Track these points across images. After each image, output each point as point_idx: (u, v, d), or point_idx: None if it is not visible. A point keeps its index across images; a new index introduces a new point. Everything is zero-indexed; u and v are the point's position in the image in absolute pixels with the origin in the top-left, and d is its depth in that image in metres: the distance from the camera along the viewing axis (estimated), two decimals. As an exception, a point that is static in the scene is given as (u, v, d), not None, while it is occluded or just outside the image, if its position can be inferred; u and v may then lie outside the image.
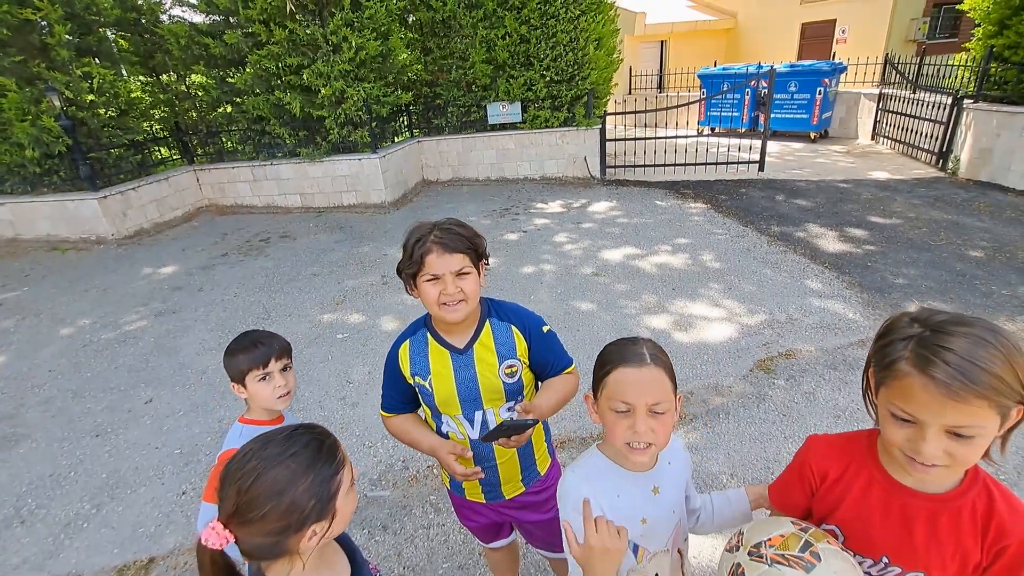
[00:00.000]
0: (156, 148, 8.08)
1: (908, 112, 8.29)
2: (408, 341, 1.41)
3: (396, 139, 8.57)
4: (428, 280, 1.26)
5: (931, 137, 7.62)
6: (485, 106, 8.31)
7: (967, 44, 7.33)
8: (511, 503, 1.51)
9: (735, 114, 10.70)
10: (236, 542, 0.86)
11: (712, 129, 11.30)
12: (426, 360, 1.37)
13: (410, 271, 1.27)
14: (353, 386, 3.51)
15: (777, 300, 4.24)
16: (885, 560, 0.95)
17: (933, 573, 0.91)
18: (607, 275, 4.91)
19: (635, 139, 8.27)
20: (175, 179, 7.80)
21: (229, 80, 7.63)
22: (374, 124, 7.47)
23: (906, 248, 5.04)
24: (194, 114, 8.57)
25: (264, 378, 1.49)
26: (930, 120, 7.61)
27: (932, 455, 0.79)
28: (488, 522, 1.60)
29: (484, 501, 1.51)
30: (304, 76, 7.07)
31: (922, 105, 7.87)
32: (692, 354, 3.62)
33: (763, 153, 7.84)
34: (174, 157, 8.38)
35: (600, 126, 8.08)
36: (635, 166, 8.20)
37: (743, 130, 10.69)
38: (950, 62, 7.82)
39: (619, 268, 5.04)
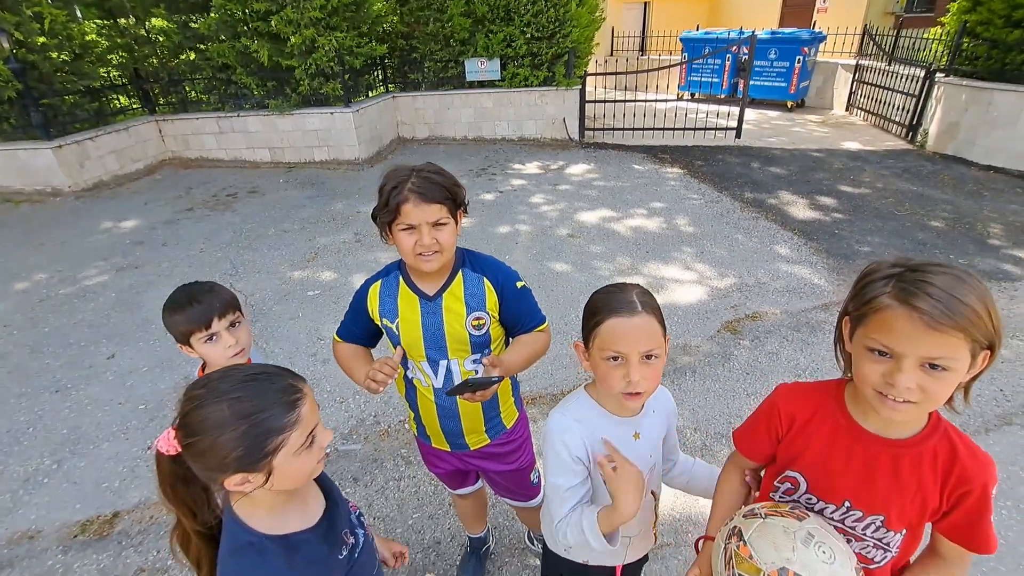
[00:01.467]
0: (114, 96, 7.60)
1: (883, 84, 8.37)
2: (380, 282, 1.39)
3: (370, 93, 8.26)
4: (404, 229, 1.23)
5: (903, 110, 7.73)
6: (463, 62, 8.04)
7: (942, 18, 7.37)
8: (476, 453, 1.54)
9: (715, 80, 10.63)
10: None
11: (692, 95, 11.22)
12: (395, 303, 1.36)
13: (385, 219, 1.24)
14: (324, 343, 3.47)
15: (747, 264, 4.32)
16: (847, 504, 0.98)
17: (892, 517, 0.95)
18: (582, 237, 4.91)
19: (615, 101, 8.16)
20: (136, 129, 7.39)
21: (192, 25, 7.18)
22: (347, 77, 7.17)
23: (872, 217, 5.17)
24: (155, 60, 8.06)
25: (211, 338, 1.35)
26: (903, 93, 7.70)
27: (906, 387, 0.80)
28: (453, 469, 1.63)
29: (449, 449, 1.53)
30: (272, 23, 6.69)
31: (896, 77, 7.94)
32: (663, 314, 3.68)
33: (740, 120, 7.85)
34: (134, 106, 7.91)
35: (580, 87, 7.93)
36: (614, 129, 8.12)
37: (722, 96, 10.65)
38: (925, 36, 7.87)
39: (594, 230, 5.05)
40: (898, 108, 7.87)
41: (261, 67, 7.12)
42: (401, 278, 1.37)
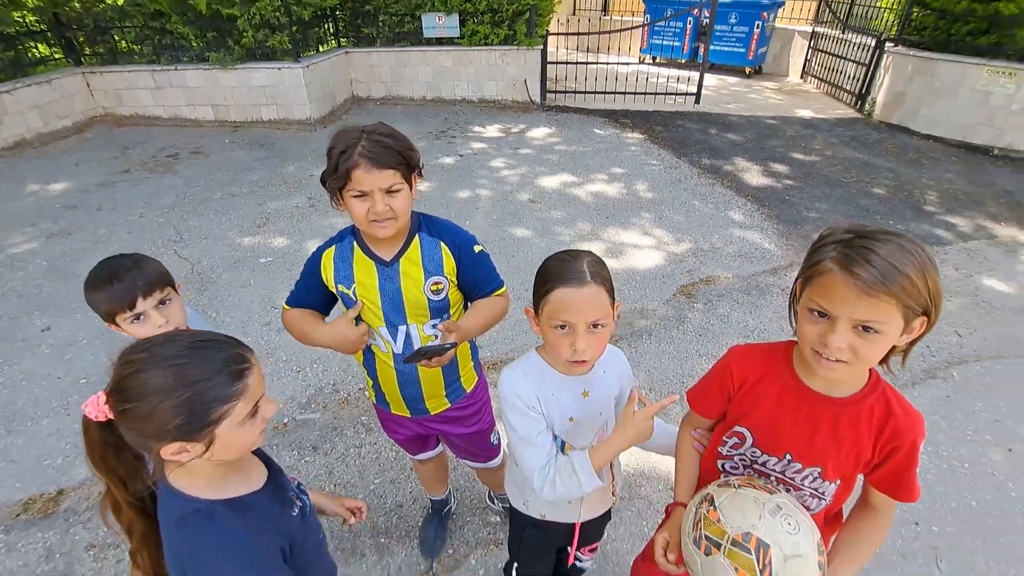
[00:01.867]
0: (32, 44, 6.89)
1: (836, 52, 8.53)
2: (334, 248, 1.35)
3: (321, 48, 7.80)
4: (355, 196, 1.18)
5: (853, 78, 7.93)
6: (420, 16, 7.67)
7: (896, -15, 7.52)
8: (436, 418, 1.55)
9: (676, 44, 10.57)
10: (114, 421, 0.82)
11: (654, 58, 11.14)
12: (350, 269, 1.33)
13: (335, 185, 1.18)
14: (278, 311, 3.36)
15: (702, 230, 4.42)
16: (788, 457, 1.05)
17: (828, 469, 1.02)
18: (543, 202, 4.89)
19: (577, 63, 8.02)
20: (60, 82, 6.75)
21: (116, -37, 6.51)
22: (295, 29, 6.73)
23: (821, 184, 5.36)
24: (77, 5, 7.32)
25: (138, 318, 1.24)
26: (854, 61, 7.88)
27: (838, 347, 0.85)
28: (413, 434, 1.64)
29: (409, 415, 1.53)
30: (208, -35, 6.15)
31: (849, 46, 8.11)
32: (621, 280, 3.76)
33: (700, 86, 7.88)
34: (56, 56, 7.20)
35: (542, 47, 7.74)
36: (575, 92, 8.01)
37: (683, 61, 10.62)
38: (878, 4, 8.02)
39: (555, 195, 5.03)
40: (849, 77, 8.07)
41: (199, 15, 6.58)
42: (356, 243, 1.33)
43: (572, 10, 13.44)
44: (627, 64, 8.34)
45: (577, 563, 1.53)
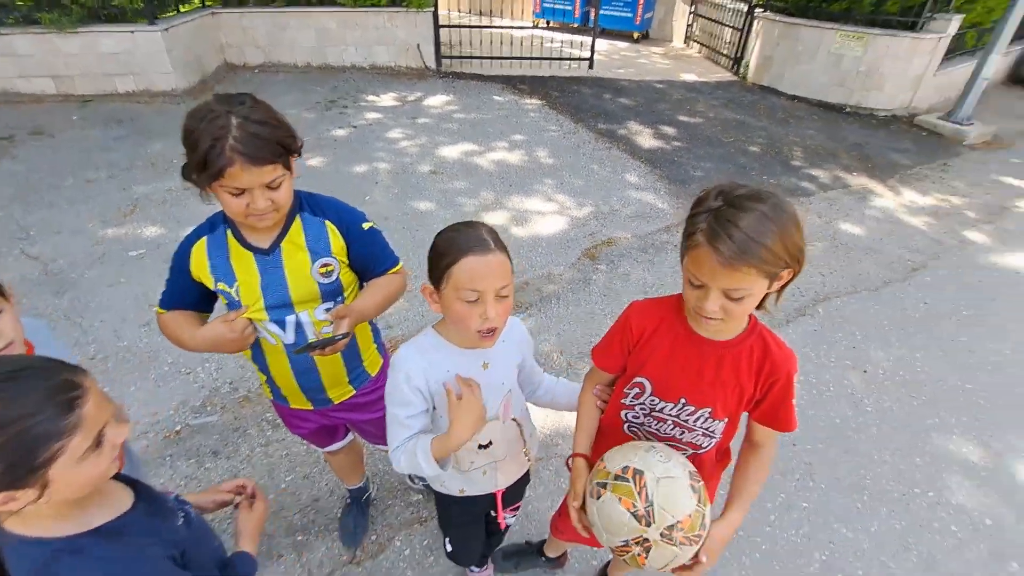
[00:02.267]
0: None
1: (714, 18, 9.03)
2: (205, 239, 1.21)
3: (182, 8, 6.91)
4: (231, 192, 1.05)
5: (730, 43, 8.47)
6: (295, -26, 7.02)
7: (763, -47, 8.03)
8: (341, 406, 1.48)
9: (568, 8, 10.64)
10: None
11: (547, 22, 11.14)
12: (227, 262, 1.20)
13: (204, 182, 1.04)
14: (158, 309, 3.04)
15: (602, 193, 4.58)
16: (683, 401, 1.13)
17: (717, 408, 1.12)
18: (445, 172, 4.79)
19: (471, 27, 7.81)
20: None
21: None
22: (145, -15, 5.88)
23: (704, 144, 5.72)
24: None
25: None
26: (730, 26, 8.40)
27: (711, 311, 0.95)
28: (318, 427, 1.56)
29: (311, 408, 1.45)
30: (22, -96, 5.15)
31: (725, 11, 8.61)
32: (528, 247, 3.80)
33: (592, 51, 8.02)
34: None
35: (433, 9, 7.42)
36: (471, 58, 7.82)
37: (575, 25, 10.73)
38: (749, -30, 8.54)
39: (457, 165, 4.94)
40: (726, 42, 8.60)
41: (19, -33, 5.53)
42: (230, 232, 1.20)
43: (462, -30, 12.99)
44: (522, 28, 8.25)
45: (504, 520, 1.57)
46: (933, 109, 7.19)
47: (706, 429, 1.16)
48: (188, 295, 1.27)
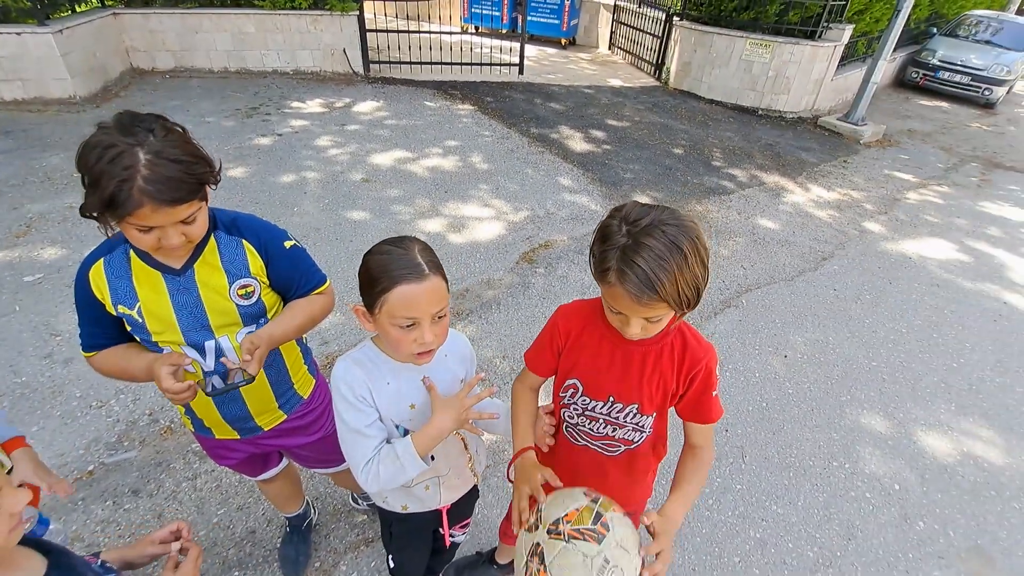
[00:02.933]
0: None
1: (635, 25, 9.41)
2: (102, 261, 1.10)
3: (78, 8, 6.35)
4: (139, 229, 0.96)
5: (651, 50, 8.84)
6: (206, -26, 6.64)
7: (676, -35, 8.45)
8: (271, 433, 1.40)
9: (496, 13, 10.71)
10: None
11: (476, 28, 11.17)
12: (130, 284, 1.10)
13: (108, 221, 0.95)
14: (62, 339, 2.77)
15: (537, 197, 4.64)
16: (611, 399, 1.17)
17: (644, 403, 1.16)
18: (378, 180, 4.68)
19: (399, 32, 7.69)
20: None
21: None
22: (32, -17, 5.36)
23: (632, 147, 5.94)
24: None
25: None
26: (650, 34, 8.78)
27: (634, 334, 1.02)
28: (247, 456, 1.47)
29: (238, 437, 1.37)
30: None
31: (645, 19, 8.98)
32: (466, 253, 3.79)
33: (522, 57, 8.12)
34: None
35: (358, 13, 7.25)
36: (400, 63, 7.70)
37: (504, 31, 10.83)
38: (665, -20, 8.97)
39: (390, 173, 4.85)
40: (647, 48, 8.98)
41: None
42: (132, 251, 1.10)
43: (387, -26, 12.77)
44: (451, 33, 8.22)
45: (452, 538, 1.55)
46: (833, 111, 7.85)
47: (636, 424, 1.20)
48: (109, 327, 1.16)
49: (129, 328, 1.16)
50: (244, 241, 1.17)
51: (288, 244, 1.23)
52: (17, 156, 4.65)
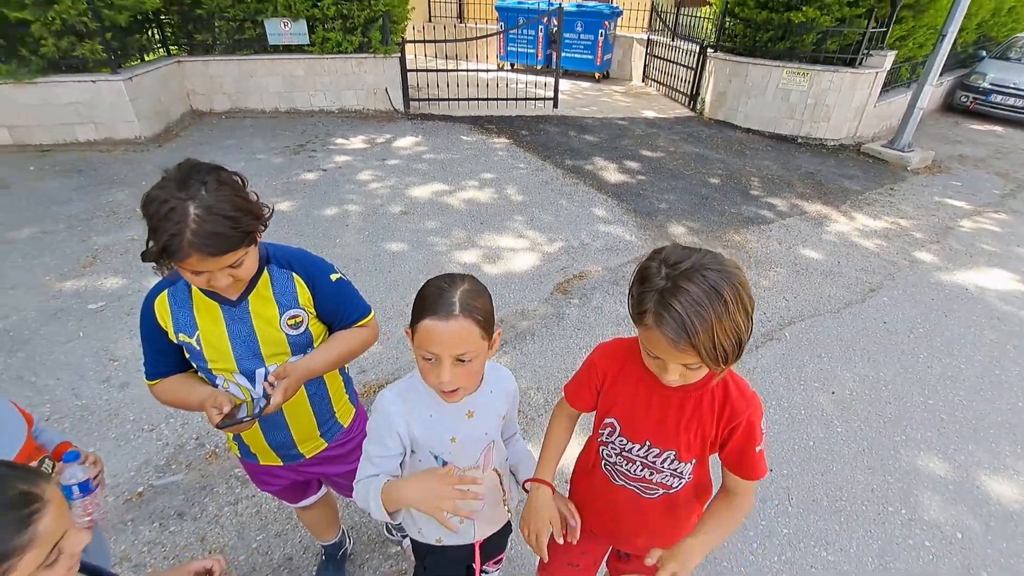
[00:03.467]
0: None
1: (669, 58, 9.51)
2: (166, 292, 1.19)
3: (146, 57, 6.92)
4: (191, 271, 1.04)
5: (685, 81, 8.90)
6: (262, 22, 7.13)
7: (710, -1, 8.57)
8: (312, 460, 1.44)
9: (531, 51, 11.05)
10: None
11: (512, 64, 11.53)
12: (190, 314, 1.18)
13: (165, 266, 1.04)
14: (119, 364, 2.93)
15: (571, 228, 4.67)
16: (648, 443, 1.15)
17: (681, 450, 1.12)
18: (416, 213, 4.82)
19: (437, 71, 8.02)
20: None
21: None
22: (109, 36, 5.88)
23: (667, 177, 5.93)
24: None
25: None
26: (684, 66, 8.85)
27: (671, 381, 1.01)
28: (289, 483, 1.51)
29: (281, 464, 1.41)
30: (-19, -40, 5.15)
31: (679, 52, 9.08)
32: (501, 284, 3.83)
33: (556, 91, 8.31)
34: None
35: (399, 54, 7.62)
36: (439, 99, 8.01)
37: (539, 67, 11.13)
38: (698, 14, 9.08)
39: (428, 205, 4.99)
40: (681, 80, 9.04)
41: (-25, 20, 5.48)
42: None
43: (427, 17, 13.42)
44: (487, 71, 8.52)
45: (485, 574, 1.53)
46: (876, 137, 7.66)
47: (674, 470, 1.17)
48: (171, 355, 1.24)
49: (188, 355, 1.23)
50: (294, 274, 1.24)
51: (334, 277, 1.29)
52: (87, 192, 5.03)
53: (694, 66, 8.48)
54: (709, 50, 8.14)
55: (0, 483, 0.67)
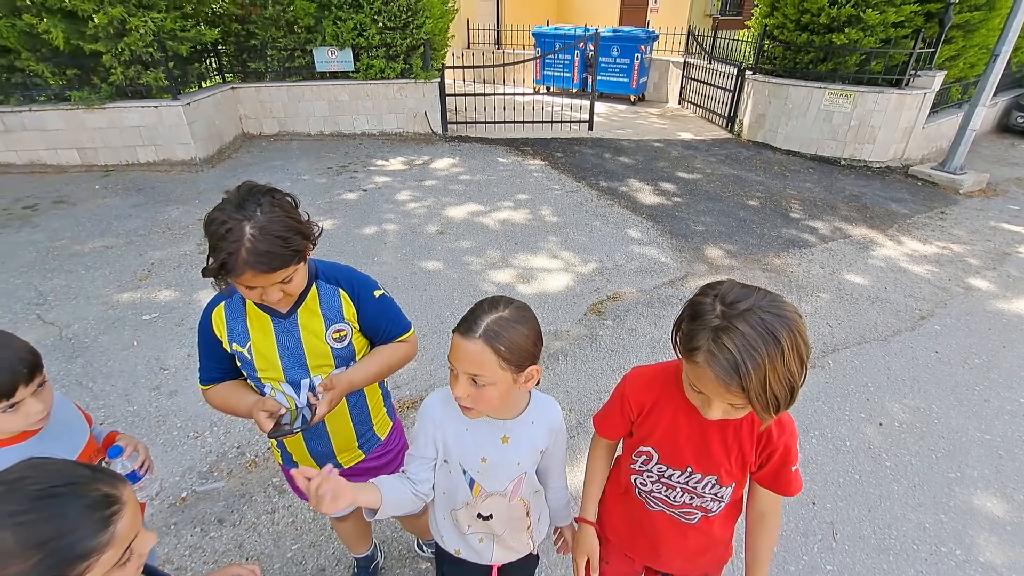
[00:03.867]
0: None
1: (705, 80, 9.49)
2: (223, 304, 1.26)
3: (204, 84, 7.37)
4: (245, 286, 1.12)
5: (722, 103, 8.84)
6: (311, 51, 7.51)
7: (748, 22, 8.53)
8: (350, 471, 1.47)
9: (566, 75, 11.22)
10: None
11: (547, 88, 11.72)
12: (244, 325, 1.25)
13: (222, 282, 1.11)
14: (169, 372, 3.07)
15: (606, 249, 4.66)
16: (689, 469, 1.14)
17: (722, 475, 1.12)
18: (452, 233, 4.91)
19: (475, 95, 8.23)
20: None
21: (-54, -5, 5.75)
22: (172, 65, 6.31)
23: (704, 199, 5.87)
24: None
25: (12, 407, 1.06)
26: (722, 88, 8.81)
27: (716, 416, 0.99)
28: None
29: (321, 473, 1.45)
30: (64, -2, 5.63)
31: (716, 74, 9.05)
32: (534, 304, 3.84)
33: (591, 113, 8.39)
34: None
35: (439, 79, 7.87)
36: (476, 122, 8.20)
37: (574, 90, 11.28)
38: (736, 37, 9.06)
39: (463, 225, 5.08)
40: (719, 102, 8.99)
41: (56, 51, 5.96)
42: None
43: (466, 43, 13.83)
44: (523, 94, 8.70)
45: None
46: (926, 159, 7.39)
47: (715, 495, 1.16)
48: (224, 363, 1.31)
49: (239, 364, 1.29)
50: (340, 289, 1.30)
51: (378, 293, 1.35)
52: (145, 210, 5.34)
53: (732, 88, 8.43)
54: (747, 72, 8.09)
55: (84, 485, 0.71)
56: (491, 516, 1.23)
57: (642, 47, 10.43)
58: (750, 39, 8.41)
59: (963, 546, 2.24)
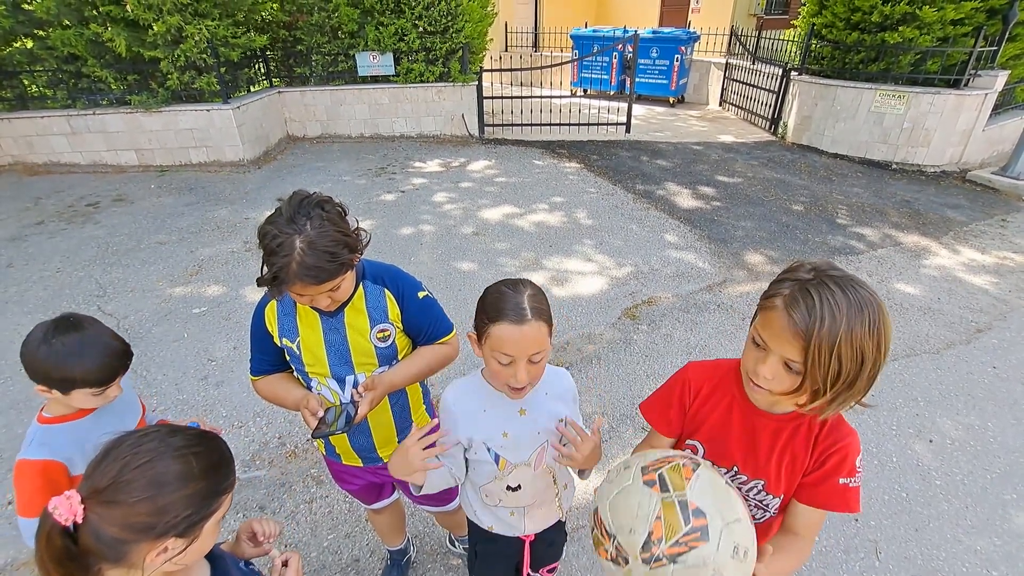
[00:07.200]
0: (-77, 90, 6.39)
1: (748, 81, 9.26)
2: (275, 301, 1.32)
3: (252, 88, 7.67)
4: (296, 294, 1.18)
5: (766, 105, 8.61)
6: (354, 56, 7.72)
7: (795, 21, 8.28)
8: (389, 465, 1.52)
9: (604, 76, 11.14)
10: (84, 524, 0.72)
11: (584, 90, 11.67)
12: (294, 322, 1.30)
13: (276, 290, 1.15)
14: (216, 364, 3.21)
15: (641, 253, 4.61)
16: (735, 469, 1.10)
17: (771, 482, 1.08)
18: (487, 234, 4.96)
19: (512, 98, 8.27)
20: (-43, 130, 6.27)
21: (26, 6, 6.18)
22: (223, 70, 6.60)
23: (744, 204, 5.73)
24: (-25, 48, 6.86)
25: (101, 392, 1.19)
26: (765, 89, 8.57)
27: (764, 375, 0.92)
28: (367, 484, 1.60)
29: (361, 465, 1.50)
30: (128, 7, 5.96)
31: (759, 75, 8.82)
32: (568, 307, 3.84)
33: (629, 116, 8.31)
34: (-47, 102, 6.71)
35: (477, 83, 7.95)
36: (512, 125, 8.24)
37: (612, 92, 11.19)
38: (781, 37, 8.80)
39: (499, 227, 5.11)
40: (762, 103, 8.75)
41: (118, 58, 6.33)
42: None
43: (504, 47, 13.92)
44: (560, 97, 8.68)
45: (537, 582, 1.52)
46: (986, 164, 7.00)
47: (759, 502, 1.11)
48: (274, 356, 1.37)
49: (288, 359, 1.35)
50: (386, 290, 1.34)
51: (421, 295, 1.38)
52: (196, 208, 5.60)
53: (776, 89, 8.20)
54: (793, 73, 7.85)
55: (225, 450, 0.85)
56: (519, 487, 1.26)
57: (682, 48, 10.25)
58: (796, 39, 8.16)
59: (1017, 571, 2.11)
